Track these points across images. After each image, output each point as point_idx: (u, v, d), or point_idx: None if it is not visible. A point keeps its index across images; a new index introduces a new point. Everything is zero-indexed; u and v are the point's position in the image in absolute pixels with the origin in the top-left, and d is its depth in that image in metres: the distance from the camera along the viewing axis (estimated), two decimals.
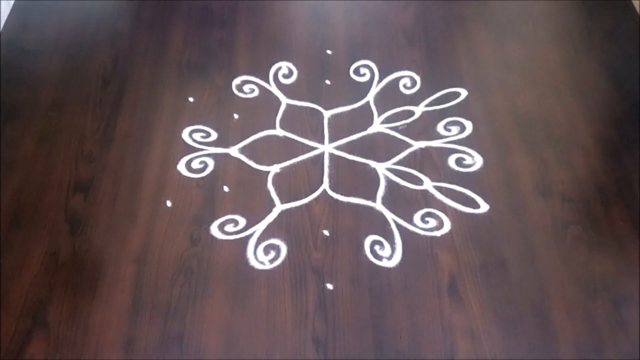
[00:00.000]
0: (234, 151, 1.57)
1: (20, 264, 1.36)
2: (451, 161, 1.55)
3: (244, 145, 1.58)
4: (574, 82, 1.71)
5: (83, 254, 1.38)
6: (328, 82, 1.73)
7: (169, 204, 1.47)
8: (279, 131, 1.62)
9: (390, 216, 1.45)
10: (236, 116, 1.64)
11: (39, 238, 1.40)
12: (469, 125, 1.61)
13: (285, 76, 1.74)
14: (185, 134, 1.60)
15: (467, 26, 1.87)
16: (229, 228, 1.43)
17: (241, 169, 1.54)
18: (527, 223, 1.43)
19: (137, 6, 1.94)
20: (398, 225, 1.43)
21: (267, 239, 1.41)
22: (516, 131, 1.60)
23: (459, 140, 1.59)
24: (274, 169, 1.54)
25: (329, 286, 1.33)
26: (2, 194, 1.48)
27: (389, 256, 1.38)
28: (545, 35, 1.85)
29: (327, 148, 1.58)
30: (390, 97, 1.69)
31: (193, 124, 1.62)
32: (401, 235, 1.41)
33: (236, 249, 1.39)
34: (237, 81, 1.72)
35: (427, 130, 1.61)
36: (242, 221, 1.44)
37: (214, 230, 1.42)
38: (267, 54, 1.80)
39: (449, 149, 1.57)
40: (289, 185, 1.50)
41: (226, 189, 1.50)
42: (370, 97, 1.69)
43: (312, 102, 1.68)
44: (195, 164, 1.54)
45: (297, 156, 1.56)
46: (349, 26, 1.88)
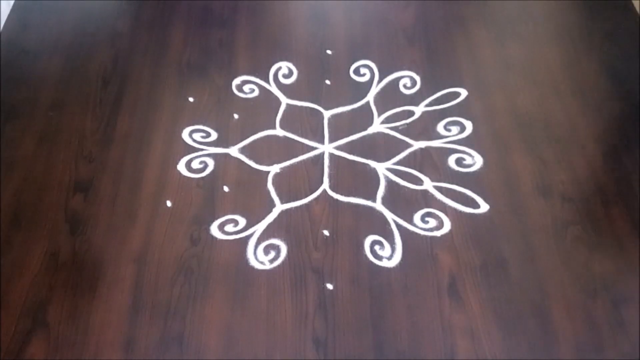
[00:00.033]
0: (234, 151, 1.57)
1: (20, 264, 1.36)
2: (451, 161, 1.55)
3: (244, 145, 1.58)
4: (574, 82, 1.71)
5: (83, 254, 1.38)
6: (328, 82, 1.73)
7: (169, 204, 1.47)
8: (279, 131, 1.62)
9: (390, 216, 1.45)
10: (236, 116, 1.64)
11: (39, 238, 1.40)
12: (469, 125, 1.62)
13: (285, 76, 1.74)
14: (185, 134, 1.60)
15: (467, 26, 1.87)
16: (229, 228, 1.43)
17: (241, 169, 1.54)
18: (527, 223, 1.43)
19: (137, 6, 1.94)
20: (398, 225, 1.43)
21: (267, 239, 1.41)
22: (516, 131, 1.60)
23: (459, 140, 1.59)
24: (274, 169, 1.54)
25: (329, 286, 1.33)
26: (2, 194, 1.48)
27: (389, 256, 1.38)
28: (545, 35, 1.85)
29: (327, 148, 1.58)
30: (390, 97, 1.69)
31: (193, 124, 1.62)
32: (401, 235, 1.41)
33: (236, 249, 1.39)
34: (237, 81, 1.72)
35: (427, 130, 1.61)
36: (242, 221, 1.44)
37: (214, 230, 1.42)
38: (267, 54, 1.80)
39: (449, 149, 1.57)
40: (289, 185, 1.50)
41: (226, 189, 1.50)
42: (370, 97, 1.69)
43: (312, 102, 1.68)
44: (195, 164, 1.54)
45: (297, 156, 1.56)
46: (349, 26, 1.88)
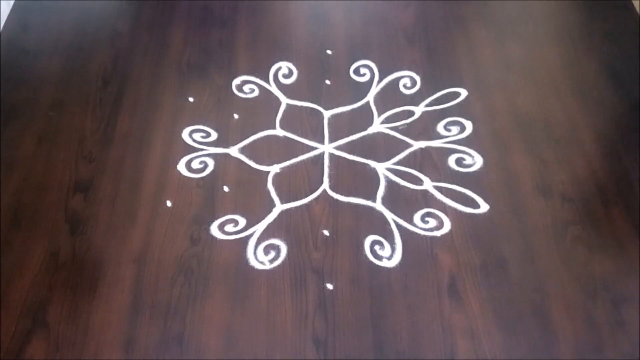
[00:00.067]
0: (234, 151, 1.57)
1: (20, 264, 1.36)
2: (451, 161, 1.55)
3: (244, 145, 1.58)
4: (574, 82, 1.71)
5: (83, 254, 1.38)
6: (328, 82, 1.73)
7: (169, 204, 1.47)
8: (279, 131, 1.62)
9: (390, 216, 1.45)
10: (236, 116, 1.64)
11: (39, 238, 1.40)
12: (469, 125, 1.61)
13: (285, 76, 1.74)
14: (185, 134, 1.60)
15: (467, 26, 1.87)
16: (229, 228, 1.43)
17: (241, 169, 1.54)
18: (527, 223, 1.43)
19: (137, 6, 1.94)
20: (398, 225, 1.43)
21: (267, 239, 1.41)
22: (516, 131, 1.60)
23: (459, 140, 1.59)
24: (274, 169, 1.54)
25: (329, 286, 1.33)
26: (2, 194, 1.48)
27: (389, 256, 1.38)
28: (545, 35, 1.85)
29: (327, 148, 1.58)
30: (390, 97, 1.69)
31: (193, 124, 1.62)
32: (401, 235, 1.41)
33: (236, 249, 1.39)
34: (237, 81, 1.72)
35: (427, 130, 1.61)
36: (242, 221, 1.44)
37: (214, 230, 1.42)
38: (267, 54, 1.80)
39: (449, 149, 1.57)
40: (289, 185, 1.50)
41: (226, 189, 1.50)
42: (370, 97, 1.69)
43: (312, 102, 1.68)
44: (195, 164, 1.54)
45: (297, 156, 1.56)
46: (349, 26, 1.88)
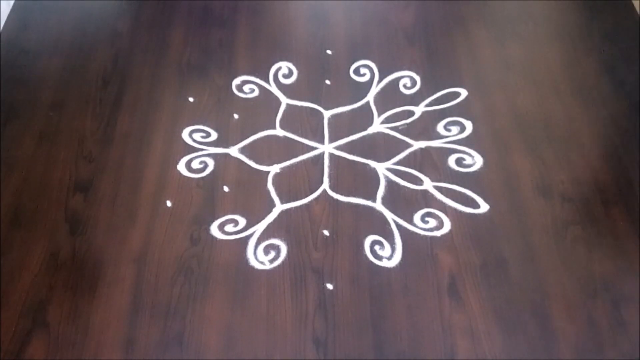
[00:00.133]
0: (234, 151, 1.57)
1: (20, 264, 1.36)
2: (451, 161, 1.55)
3: (244, 145, 1.58)
4: (574, 82, 1.71)
5: (83, 254, 1.38)
6: (328, 82, 1.73)
7: (169, 204, 1.47)
8: (279, 131, 1.62)
9: (390, 216, 1.45)
10: (236, 116, 1.64)
11: (39, 238, 1.40)
12: (469, 125, 1.61)
13: (285, 76, 1.74)
14: (185, 134, 1.60)
15: (467, 26, 1.87)
16: (229, 228, 1.43)
17: (241, 169, 1.54)
18: (527, 223, 1.43)
19: (137, 6, 1.94)
20: (398, 225, 1.43)
21: (267, 239, 1.41)
22: (516, 131, 1.60)
23: (459, 140, 1.59)
24: (274, 169, 1.54)
25: (329, 286, 1.33)
26: (2, 194, 1.48)
27: (389, 256, 1.38)
28: (545, 35, 1.85)
29: (327, 148, 1.58)
30: (390, 97, 1.69)
31: (193, 124, 1.62)
32: (401, 235, 1.41)
33: (236, 249, 1.39)
34: (237, 81, 1.72)
35: (427, 130, 1.61)
36: (242, 221, 1.44)
37: (214, 230, 1.42)
38: (267, 54, 1.80)
39: (449, 149, 1.57)
40: (289, 185, 1.50)
41: (226, 189, 1.50)
42: (370, 97, 1.69)
43: (312, 102, 1.68)
44: (195, 164, 1.54)
45: (297, 156, 1.56)
46: (349, 26, 1.88)
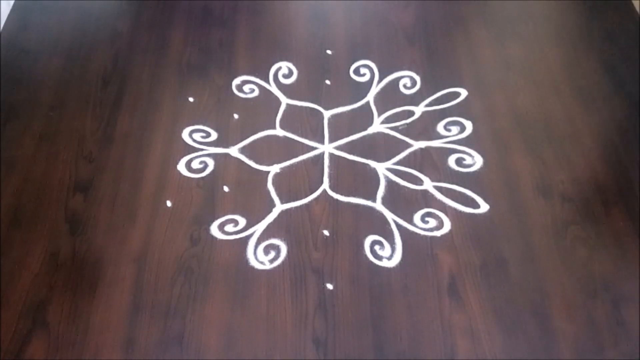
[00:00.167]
0: (234, 151, 1.57)
1: (20, 264, 1.36)
2: (451, 161, 1.55)
3: (244, 145, 1.58)
4: (574, 82, 1.71)
5: (83, 254, 1.38)
6: (328, 82, 1.73)
7: (169, 204, 1.47)
8: (279, 131, 1.62)
9: (390, 216, 1.45)
10: (236, 116, 1.64)
11: (39, 238, 1.40)
12: (469, 125, 1.62)
13: (285, 76, 1.74)
14: (185, 134, 1.60)
15: (467, 26, 1.87)
16: (229, 228, 1.43)
17: (241, 169, 1.54)
18: (527, 223, 1.43)
19: (137, 6, 1.94)
20: (398, 225, 1.43)
21: (267, 239, 1.41)
22: (516, 131, 1.60)
23: (459, 140, 1.59)
24: (274, 169, 1.54)
25: (329, 286, 1.33)
26: (2, 194, 1.48)
27: (389, 256, 1.38)
28: (545, 35, 1.85)
29: (327, 148, 1.58)
30: (390, 97, 1.69)
31: (193, 124, 1.62)
32: (401, 235, 1.41)
33: (236, 249, 1.39)
34: (237, 81, 1.72)
35: (427, 130, 1.61)
36: (242, 221, 1.44)
37: (214, 230, 1.42)
38: (267, 54, 1.80)
39: (449, 149, 1.57)
40: (289, 185, 1.50)
41: (226, 189, 1.50)
42: (370, 97, 1.69)
43: (312, 102, 1.68)
44: (195, 164, 1.54)
45: (297, 156, 1.56)
46: (349, 26, 1.88)
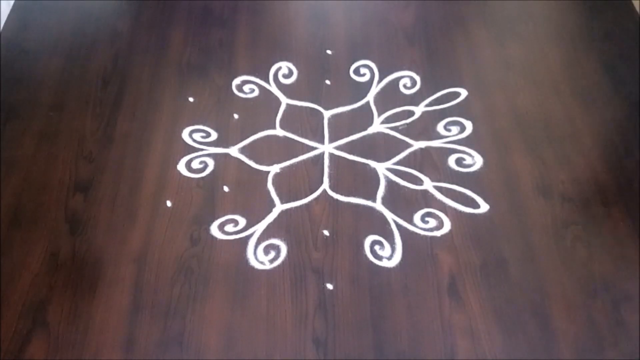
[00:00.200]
0: (234, 151, 1.57)
1: (20, 264, 1.36)
2: (451, 161, 1.55)
3: (244, 145, 1.58)
4: (574, 82, 1.71)
5: (83, 254, 1.38)
6: (328, 82, 1.73)
7: (169, 204, 1.47)
8: (279, 131, 1.62)
9: (390, 216, 1.45)
10: (236, 116, 1.64)
11: (39, 238, 1.40)
12: (469, 125, 1.62)
13: (285, 76, 1.74)
14: (185, 134, 1.60)
15: (467, 26, 1.87)
16: (229, 228, 1.43)
17: (241, 169, 1.54)
18: (527, 223, 1.43)
19: (137, 6, 1.94)
20: (398, 225, 1.43)
21: (267, 239, 1.41)
22: (516, 131, 1.60)
23: (459, 140, 1.59)
24: (274, 169, 1.54)
25: (329, 286, 1.33)
26: (2, 194, 1.48)
27: (389, 256, 1.38)
28: (545, 35, 1.85)
29: (327, 148, 1.58)
30: (390, 97, 1.69)
31: (193, 124, 1.62)
32: (401, 235, 1.41)
33: (236, 249, 1.39)
34: (237, 81, 1.72)
35: (427, 130, 1.61)
36: (242, 221, 1.44)
37: (214, 230, 1.42)
38: (267, 54, 1.80)
39: (449, 149, 1.57)
40: (289, 185, 1.50)
41: (226, 189, 1.50)
42: (370, 97, 1.69)
43: (312, 102, 1.68)
44: (195, 164, 1.54)
45: (297, 156, 1.56)
46: (349, 26, 1.88)
